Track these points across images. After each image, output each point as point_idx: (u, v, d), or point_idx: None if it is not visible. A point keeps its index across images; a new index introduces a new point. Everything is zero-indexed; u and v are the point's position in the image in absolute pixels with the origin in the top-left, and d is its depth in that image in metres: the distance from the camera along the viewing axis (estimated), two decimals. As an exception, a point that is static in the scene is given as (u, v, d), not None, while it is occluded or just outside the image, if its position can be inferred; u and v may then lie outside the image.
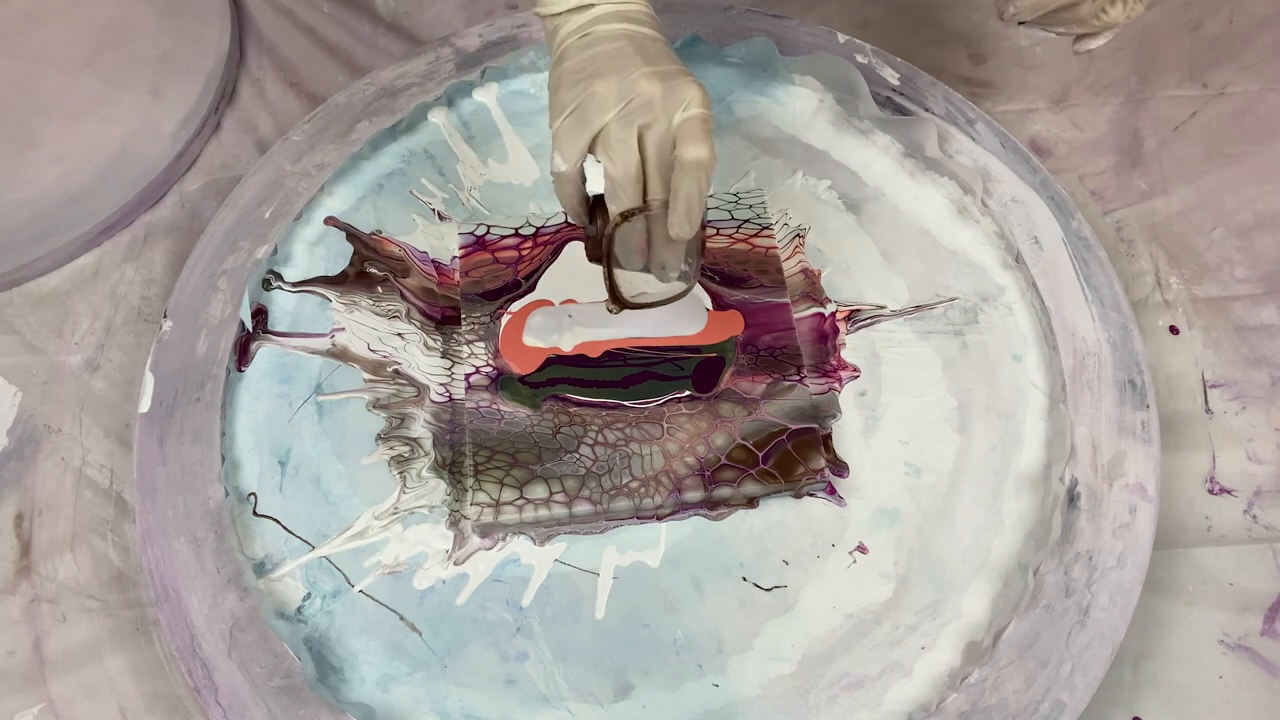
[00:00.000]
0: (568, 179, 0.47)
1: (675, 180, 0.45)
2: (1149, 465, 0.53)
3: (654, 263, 0.50)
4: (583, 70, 0.46)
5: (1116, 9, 0.53)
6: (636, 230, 0.48)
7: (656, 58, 0.47)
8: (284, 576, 0.52)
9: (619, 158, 0.45)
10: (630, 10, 0.48)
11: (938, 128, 0.64)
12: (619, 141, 0.45)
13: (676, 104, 0.45)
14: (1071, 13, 0.53)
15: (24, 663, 0.52)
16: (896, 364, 0.58)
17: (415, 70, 0.68)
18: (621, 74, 0.45)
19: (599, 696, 0.49)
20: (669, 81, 0.45)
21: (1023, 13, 0.54)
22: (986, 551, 0.52)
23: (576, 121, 0.46)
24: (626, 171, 0.45)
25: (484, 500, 0.52)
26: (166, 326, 0.58)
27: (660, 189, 0.46)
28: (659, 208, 0.47)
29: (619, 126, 0.45)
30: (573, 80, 0.46)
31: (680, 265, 0.50)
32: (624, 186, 0.46)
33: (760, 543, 0.53)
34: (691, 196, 0.45)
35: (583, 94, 0.45)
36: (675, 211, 0.46)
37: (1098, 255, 0.60)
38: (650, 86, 0.45)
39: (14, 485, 0.56)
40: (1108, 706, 0.50)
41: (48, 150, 0.67)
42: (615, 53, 0.46)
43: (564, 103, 0.46)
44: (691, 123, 0.45)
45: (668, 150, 0.46)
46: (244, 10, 0.75)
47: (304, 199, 0.62)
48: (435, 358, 0.58)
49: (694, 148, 0.44)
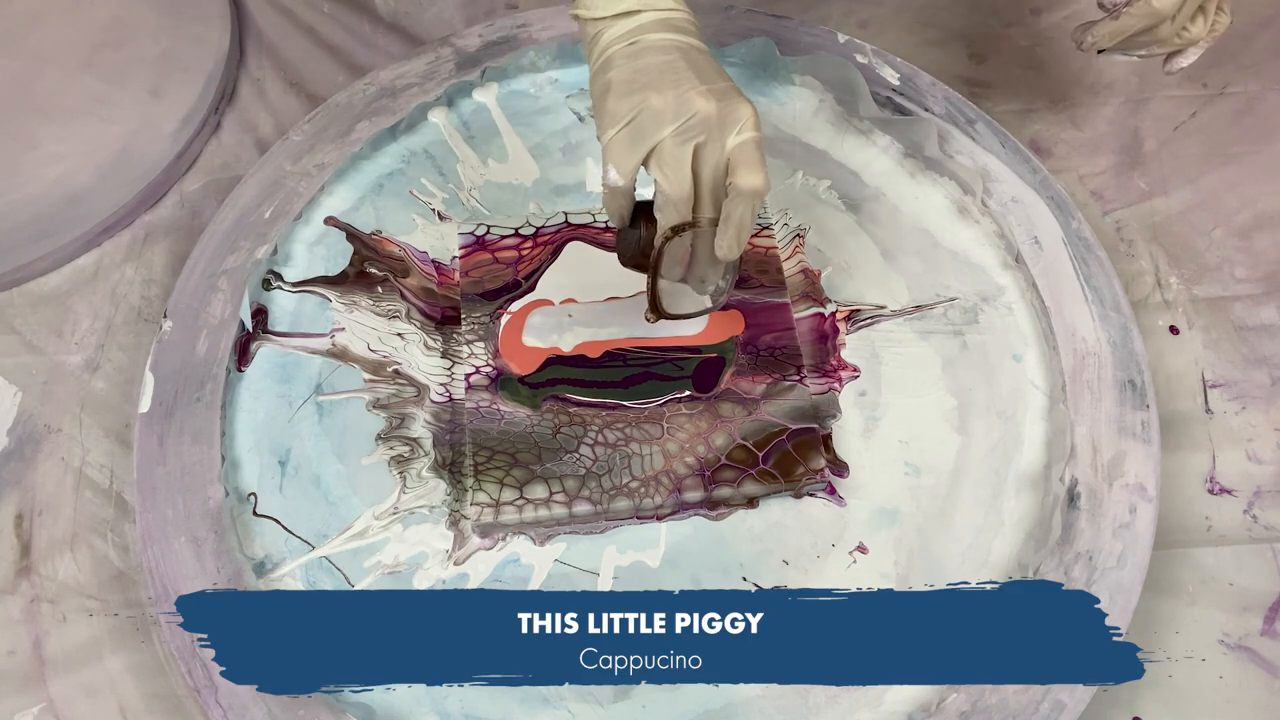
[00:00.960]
0: (623, 192, 0.47)
1: (729, 205, 0.46)
2: (1149, 465, 0.53)
3: (693, 276, 0.51)
4: (635, 81, 0.46)
5: (1197, 25, 0.52)
6: (683, 244, 0.48)
7: (709, 74, 0.46)
8: (284, 576, 0.52)
9: (674, 175, 0.45)
10: (676, 19, 0.48)
11: (938, 128, 0.64)
12: (674, 159, 0.45)
13: (732, 124, 0.45)
14: (1151, 35, 0.52)
15: (24, 663, 0.52)
16: (896, 364, 0.58)
17: (415, 70, 0.68)
18: (677, 89, 0.45)
19: (599, 696, 0.49)
20: (724, 101, 0.45)
21: (1101, 41, 0.53)
22: (986, 551, 0.52)
23: (632, 135, 0.45)
24: (680, 190, 0.45)
25: (484, 500, 0.52)
26: (166, 326, 0.58)
27: (710, 208, 0.47)
28: (707, 225, 0.47)
29: (674, 144, 0.45)
30: (625, 90, 0.46)
31: (719, 281, 0.51)
32: (677, 204, 0.46)
33: (760, 543, 0.53)
34: (744, 222, 0.46)
35: (638, 107, 0.45)
36: (726, 234, 0.46)
37: (1098, 255, 0.60)
38: (707, 106, 0.45)
39: (14, 485, 0.56)
40: (1108, 706, 0.50)
41: (48, 150, 0.67)
42: (667, 66, 0.46)
43: (617, 114, 0.45)
44: (747, 147, 0.45)
45: (721, 171, 0.46)
46: (244, 10, 0.75)
47: (304, 199, 0.62)
48: (435, 358, 0.58)
49: (751, 175, 0.45)
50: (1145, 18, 0.51)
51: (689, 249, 0.49)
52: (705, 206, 0.47)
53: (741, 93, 0.46)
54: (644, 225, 0.48)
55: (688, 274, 0.51)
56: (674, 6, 0.48)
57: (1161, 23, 0.51)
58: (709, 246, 0.48)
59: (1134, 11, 0.51)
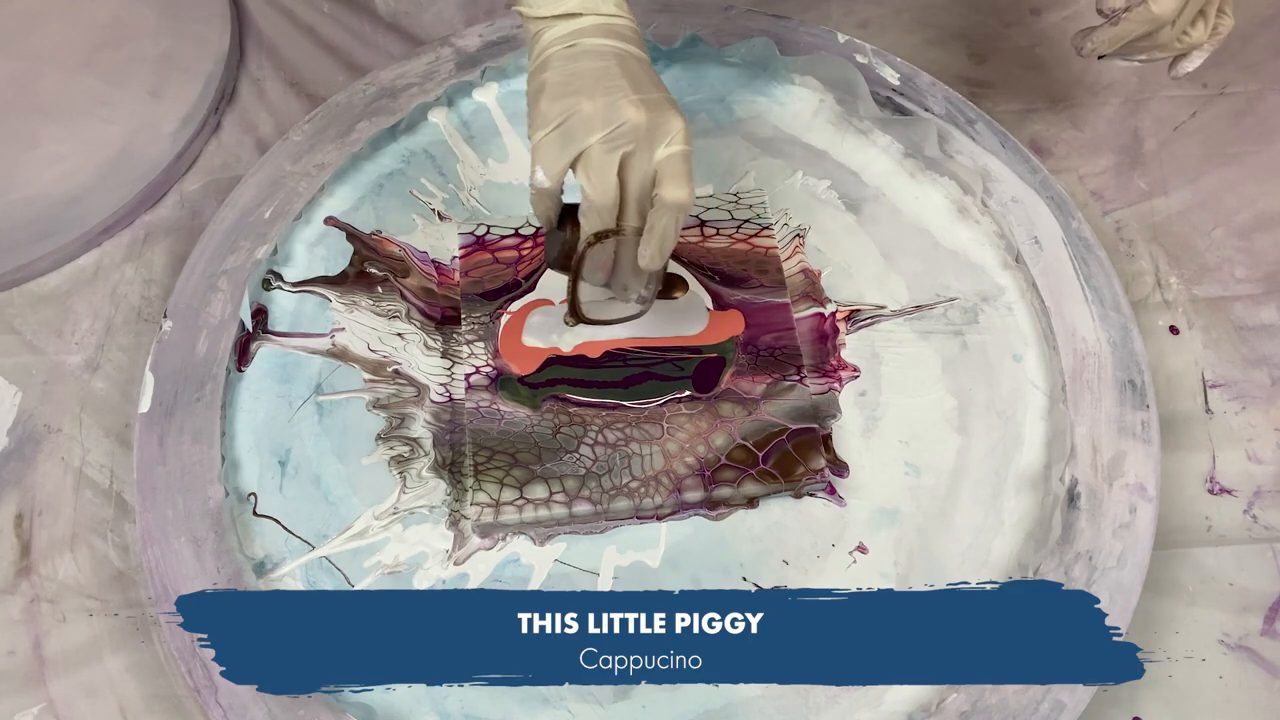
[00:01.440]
0: (549, 194, 0.47)
1: (653, 216, 0.46)
2: (1149, 465, 0.53)
3: (616, 284, 0.51)
4: (568, 85, 0.46)
5: (1198, 30, 0.52)
6: (605, 250, 0.48)
7: (643, 83, 0.46)
8: (284, 576, 0.52)
9: (599, 182, 0.45)
10: (619, 25, 0.48)
11: (938, 128, 0.64)
12: (600, 166, 0.45)
13: (661, 136, 0.45)
14: (1152, 40, 0.52)
15: (24, 663, 0.52)
16: (896, 364, 0.58)
17: (415, 70, 0.68)
18: (609, 96, 0.45)
19: (599, 696, 0.49)
20: (656, 111, 0.45)
21: (1101, 47, 0.53)
22: (986, 551, 0.53)
23: (561, 138, 0.45)
24: (605, 197, 0.46)
25: (484, 500, 0.52)
26: (166, 326, 0.58)
27: (635, 217, 0.47)
28: (632, 233, 0.47)
29: (602, 151, 0.45)
30: (558, 93, 0.46)
31: (641, 290, 0.51)
32: (600, 210, 0.46)
33: (760, 543, 0.53)
34: (667, 234, 0.46)
35: (569, 110, 0.45)
36: (649, 244, 0.46)
37: (1098, 255, 0.60)
38: (637, 115, 0.45)
39: (14, 485, 0.57)
40: (1108, 706, 0.50)
41: (48, 150, 0.67)
42: (603, 72, 0.46)
43: (548, 116, 0.46)
44: (675, 160, 0.45)
45: (647, 182, 0.46)
46: (244, 10, 0.75)
47: (304, 199, 0.62)
48: (435, 358, 0.58)
49: (676, 189, 0.45)
50: (1145, 23, 0.51)
51: (612, 256, 0.49)
52: (630, 215, 0.47)
53: (675, 105, 0.47)
54: (570, 229, 0.49)
55: (611, 281, 0.51)
56: (616, 12, 0.48)
57: (1161, 28, 0.51)
58: (632, 255, 0.48)
59: (1133, 17, 0.51)
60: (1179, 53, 0.54)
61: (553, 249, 0.50)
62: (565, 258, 0.49)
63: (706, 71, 0.69)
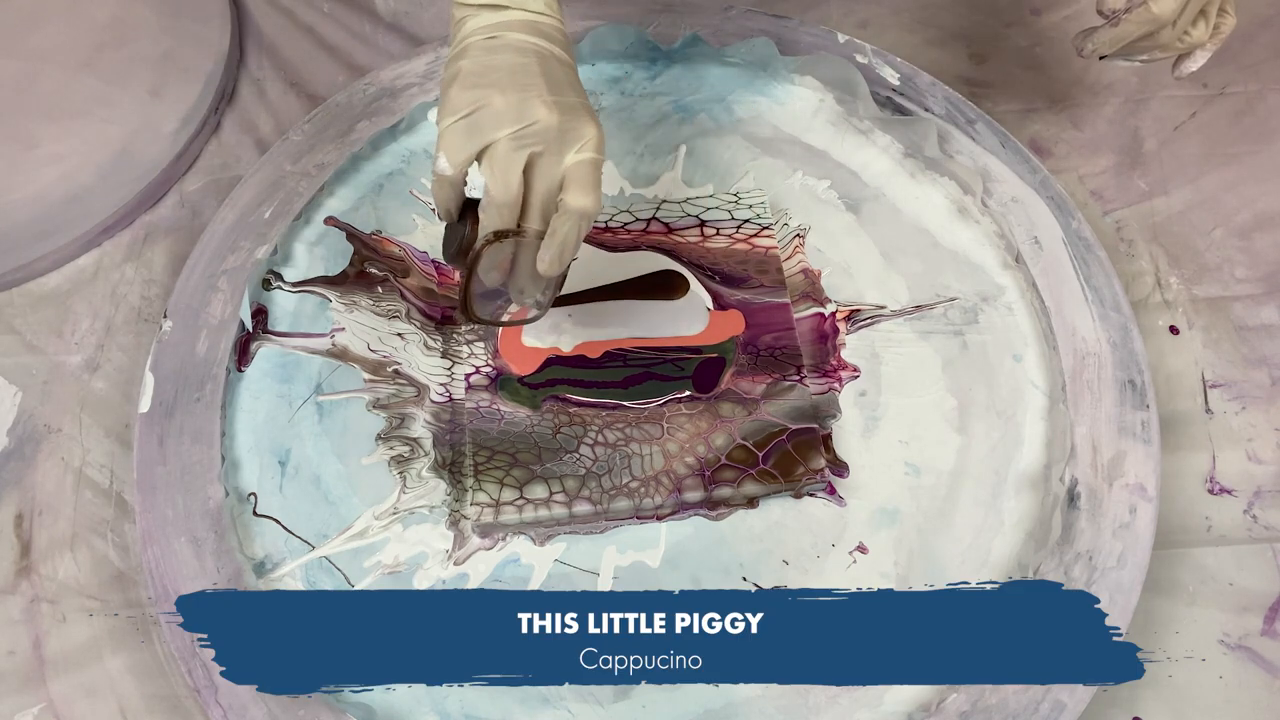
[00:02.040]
0: (449, 183, 0.46)
1: (556, 221, 0.45)
2: (1149, 465, 0.53)
3: (513, 287, 0.49)
4: (483, 76, 0.45)
5: (1199, 29, 0.52)
6: (503, 251, 0.47)
7: (561, 86, 0.45)
8: (284, 576, 0.52)
9: (502, 179, 0.44)
10: (544, 24, 0.47)
11: (938, 128, 0.64)
12: (505, 162, 0.44)
13: (572, 141, 0.44)
14: (1152, 40, 0.52)
15: (24, 663, 0.52)
16: (896, 364, 0.58)
17: (415, 70, 0.68)
18: (523, 93, 0.44)
19: (599, 696, 0.49)
20: (569, 115, 0.44)
21: (1101, 47, 0.53)
22: (986, 551, 0.53)
23: (468, 128, 0.44)
24: (506, 194, 0.44)
25: (484, 500, 0.52)
26: (166, 326, 0.58)
27: (537, 219, 0.46)
28: (533, 236, 0.46)
29: (509, 147, 0.44)
30: (470, 83, 0.45)
31: (538, 295, 0.50)
32: (500, 208, 0.45)
33: (760, 543, 0.53)
34: (569, 240, 0.45)
35: (479, 101, 0.44)
36: (549, 250, 0.45)
37: (1098, 255, 0.60)
38: (549, 116, 0.44)
39: (14, 485, 0.56)
40: (1107, 706, 0.50)
41: (48, 150, 0.67)
42: (520, 68, 0.45)
43: (457, 105, 0.44)
44: (584, 167, 0.44)
45: (554, 185, 0.45)
46: (244, 10, 0.75)
47: (304, 199, 0.62)
48: (435, 358, 0.58)
49: (582, 196, 0.44)
50: (1145, 24, 0.51)
51: (510, 257, 0.48)
52: (533, 217, 0.46)
53: (592, 113, 0.46)
54: (470, 223, 0.47)
55: (508, 282, 0.49)
56: (544, 11, 0.47)
57: (1162, 28, 0.51)
58: (531, 259, 0.46)
59: (1133, 18, 0.51)
60: (1180, 53, 0.54)
61: (450, 242, 0.49)
62: (462, 253, 0.48)
63: (706, 71, 0.69)
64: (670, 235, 0.61)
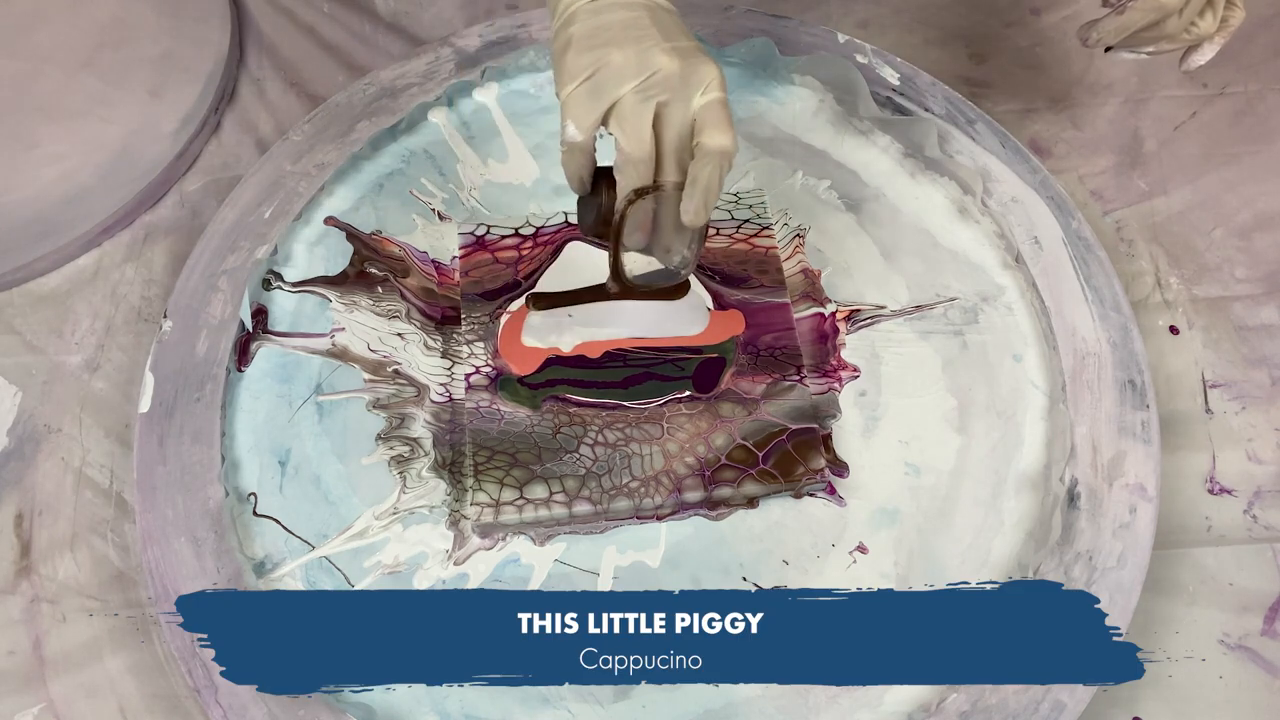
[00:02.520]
0: (581, 149, 0.45)
1: (695, 167, 0.44)
2: (1149, 465, 0.53)
3: (658, 245, 0.48)
4: (596, 37, 0.44)
5: (1207, 20, 0.51)
6: (644, 210, 0.46)
7: (673, 32, 0.45)
8: (284, 576, 0.52)
9: (634, 133, 0.44)
10: None
11: (938, 128, 0.64)
12: (635, 116, 0.43)
13: (696, 84, 0.44)
14: (1158, 30, 0.51)
15: (24, 663, 0.52)
16: (896, 364, 0.58)
17: (415, 70, 0.68)
18: (639, 45, 0.43)
19: (599, 696, 0.49)
20: (689, 60, 0.44)
21: (1106, 37, 0.52)
22: (986, 551, 0.52)
23: (591, 90, 0.44)
24: (640, 148, 0.44)
25: (484, 500, 0.52)
26: (166, 326, 0.58)
27: (674, 170, 0.45)
28: (672, 189, 0.45)
29: (635, 100, 0.43)
30: (585, 46, 0.44)
31: (684, 250, 0.48)
32: (637, 164, 0.44)
33: (760, 543, 0.53)
34: (711, 184, 0.44)
35: (598, 62, 0.44)
36: (693, 198, 0.44)
37: (1098, 255, 0.60)
38: (670, 63, 0.43)
39: (14, 485, 0.57)
40: (1108, 706, 0.50)
41: (48, 150, 0.67)
42: (631, 22, 0.44)
43: (576, 69, 0.44)
44: (713, 107, 0.43)
45: (685, 132, 0.44)
46: (244, 10, 0.75)
47: (304, 199, 0.62)
48: (435, 358, 0.58)
49: (718, 135, 0.43)
50: (1151, 12, 0.50)
51: (651, 216, 0.47)
52: (669, 169, 0.45)
53: (708, 53, 0.45)
54: (605, 191, 0.47)
55: (652, 242, 0.48)
56: None
57: (1168, 17, 0.50)
58: (673, 212, 0.45)
59: (1139, 6, 0.50)
60: (1187, 44, 0.53)
61: (587, 215, 0.48)
62: (603, 223, 0.47)
63: (706, 71, 0.69)
64: (670, 235, 0.61)
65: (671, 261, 0.49)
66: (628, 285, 0.50)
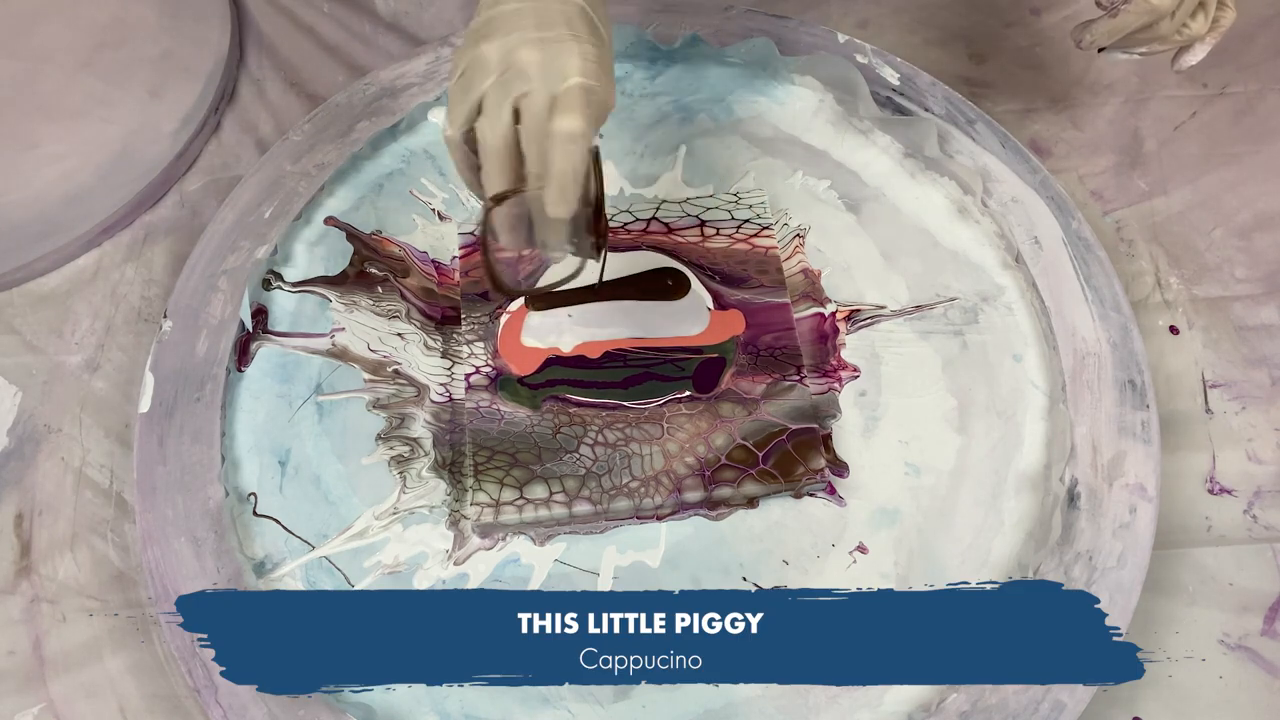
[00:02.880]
0: (454, 145, 0.44)
1: (550, 154, 0.42)
2: (1149, 465, 0.53)
3: (539, 244, 0.47)
4: (479, 31, 0.43)
5: (1198, 22, 0.51)
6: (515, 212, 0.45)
7: (552, 22, 0.43)
8: (284, 576, 0.52)
9: (491, 125, 0.42)
10: None
11: (938, 128, 0.64)
12: (494, 108, 0.42)
13: (555, 74, 0.42)
14: (1151, 32, 0.52)
15: (24, 663, 0.52)
16: (896, 364, 0.58)
17: (415, 70, 0.68)
18: (507, 37, 0.42)
19: (599, 696, 0.49)
20: (550, 49, 0.42)
21: (1100, 39, 0.53)
22: (986, 551, 0.52)
23: (463, 85, 0.43)
24: (496, 143, 0.42)
25: (484, 500, 0.52)
26: (166, 326, 0.58)
27: (534, 161, 0.43)
28: (535, 183, 0.43)
29: (494, 94, 0.42)
30: (469, 41, 0.43)
31: (564, 244, 0.46)
32: (495, 159, 0.43)
33: (760, 543, 0.53)
34: (564, 172, 0.42)
35: (471, 57, 0.43)
36: (549, 188, 0.42)
37: (1098, 255, 0.60)
38: (530, 54, 0.41)
39: (14, 485, 0.57)
40: (1108, 706, 0.50)
41: (48, 150, 0.67)
42: (514, 14, 0.43)
43: (457, 65, 0.43)
44: (570, 93, 0.41)
45: (544, 122, 0.42)
46: (244, 10, 0.75)
47: (304, 199, 0.62)
48: (435, 358, 0.58)
49: (566, 118, 0.41)
50: (1144, 14, 0.51)
51: (526, 216, 0.45)
52: (533, 162, 0.43)
53: (583, 40, 0.43)
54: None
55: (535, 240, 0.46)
56: None
57: (1161, 20, 0.51)
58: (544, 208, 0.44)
59: (1132, 9, 0.51)
60: (1179, 45, 0.53)
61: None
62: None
63: (706, 71, 0.69)
64: (670, 235, 0.61)
65: (555, 258, 0.48)
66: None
